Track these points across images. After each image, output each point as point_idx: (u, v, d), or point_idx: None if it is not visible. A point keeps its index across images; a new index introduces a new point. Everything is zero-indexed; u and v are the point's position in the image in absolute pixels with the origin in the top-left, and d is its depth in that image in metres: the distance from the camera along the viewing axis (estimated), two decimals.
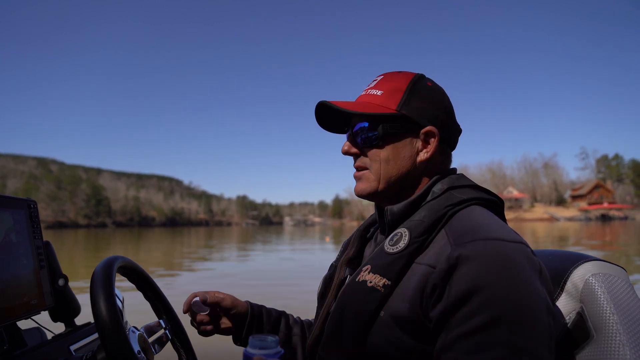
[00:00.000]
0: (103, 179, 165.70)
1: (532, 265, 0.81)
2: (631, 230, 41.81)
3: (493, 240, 0.82)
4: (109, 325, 0.92)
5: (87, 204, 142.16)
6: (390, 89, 1.01)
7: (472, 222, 0.89)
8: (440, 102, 1.03)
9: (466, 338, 0.76)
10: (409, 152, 1.00)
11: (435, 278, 0.82)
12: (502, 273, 0.78)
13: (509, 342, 0.74)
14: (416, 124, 0.99)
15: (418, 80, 1.03)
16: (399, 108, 0.99)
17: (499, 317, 0.75)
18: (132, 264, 1.22)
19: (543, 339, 0.76)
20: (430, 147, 1.00)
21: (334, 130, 1.13)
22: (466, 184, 1.00)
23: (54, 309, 1.29)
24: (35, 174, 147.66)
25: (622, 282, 0.94)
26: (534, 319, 0.76)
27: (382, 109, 0.99)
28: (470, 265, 0.79)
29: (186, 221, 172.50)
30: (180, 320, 1.35)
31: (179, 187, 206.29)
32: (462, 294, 0.78)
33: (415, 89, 1.01)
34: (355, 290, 0.93)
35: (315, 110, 1.07)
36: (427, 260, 0.87)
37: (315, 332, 1.05)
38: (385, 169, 1.00)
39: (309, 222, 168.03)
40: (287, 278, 11.39)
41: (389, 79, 1.04)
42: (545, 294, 0.80)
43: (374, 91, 1.03)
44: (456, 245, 0.83)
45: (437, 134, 0.99)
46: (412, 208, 0.99)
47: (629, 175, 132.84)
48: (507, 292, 0.76)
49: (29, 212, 1.22)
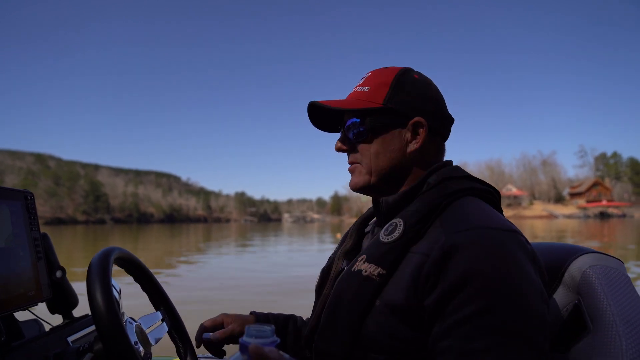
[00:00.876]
0: (101, 175, 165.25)
1: (525, 253, 0.82)
2: (630, 227, 41.98)
3: (486, 229, 0.83)
4: (106, 316, 0.91)
5: (86, 200, 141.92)
6: (377, 84, 1.04)
7: (466, 211, 0.90)
8: (427, 93, 1.04)
9: (461, 325, 0.77)
10: (399, 144, 1.02)
11: (430, 267, 0.82)
12: (495, 260, 0.79)
13: (503, 328, 0.75)
14: (404, 116, 1.01)
15: (404, 74, 1.05)
16: (385, 102, 1.01)
17: (492, 303, 0.76)
18: (129, 255, 1.21)
19: (537, 324, 0.76)
20: (420, 137, 1.01)
21: (329, 130, 1.16)
22: (461, 175, 1.00)
23: (52, 301, 1.29)
24: (33, 170, 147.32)
25: (620, 274, 0.94)
26: (527, 305, 0.77)
27: (369, 104, 1.02)
28: (463, 254, 0.80)
29: (184, 218, 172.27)
30: (177, 311, 1.35)
31: (177, 184, 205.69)
32: (456, 282, 0.78)
33: (401, 82, 1.03)
34: (351, 280, 0.94)
35: (308, 112, 1.09)
36: (422, 249, 0.87)
37: (312, 322, 1.06)
38: (376, 162, 1.02)
39: (308, 219, 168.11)
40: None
41: (376, 75, 1.06)
42: (539, 282, 0.81)
43: (362, 88, 1.06)
44: (449, 233, 0.84)
45: (425, 125, 1.01)
46: (407, 199, 0.99)
47: (626, 173, 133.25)
48: (500, 279, 0.77)
49: (25, 204, 1.21)
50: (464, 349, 0.75)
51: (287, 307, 1.93)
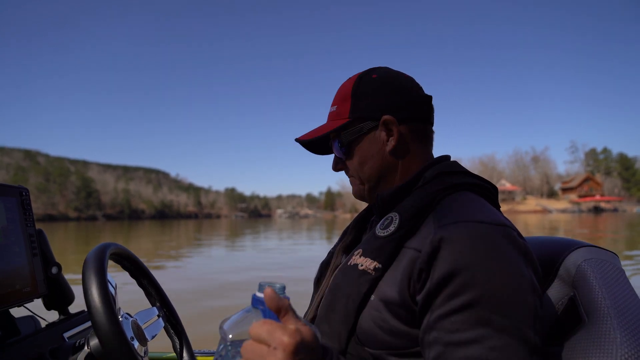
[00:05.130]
0: (91, 171, 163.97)
1: (515, 247, 0.82)
2: (625, 220, 42.32)
3: (475, 223, 0.83)
4: (101, 311, 0.91)
5: (77, 196, 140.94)
6: (341, 100, 1.07)
7: (458, 205, 0.90)
8: (387, 88, 1.04)
9: (448, 318, 0.77)
10: (376, 148, 1.04)
11: (421, 262, 0.82)
12: (483, 254, 0.78)
13: (489, 321, 0.74)
14: (371, 119, 1.03)
15: (361, 79, 1.06)
16: (350, 114, 1.04)
17: (479, 297, 0.76)
18: (125, 251, 1.21)
19: (527, 318, 0.76)
20: (394, 133, 1.02)
21: (329, 152, 1.19)
22: (458, 170, 1.01)
23: (48, 297, 1.29)
24: (23, 166, 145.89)
25: (614, 267, 0.95)
26: (516, 299, 0.76)
27: (338, 122, 1.05)
28: (451, 247, 0.80)
29: (175, 214, 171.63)
30: (173, 307, 1.35)
31: (166, 180, 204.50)
32: (444, 276, 0.78)
33: (359, 89, 1.04)
34: (347, 274, 0.95)
35: (302, 146, 1.15)
36: (415, 244, 0.88)
37: (309, 316, 1.06)
38: (363, 171, 1.06)
39: (302, 215, 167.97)
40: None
41: (339, 91, 1.09)
42: (530, 275, 0.80)
43: (332, 108, 1.09)
44: (439, 228, 0.84)
45: (394, 120, 1.01)
46: (404, 193, 0.99)
47: (616, 168, 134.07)
48: (488, 273, 0.77)
49: (20, 200, 1.21)
50: (449, 340, 0.76)
51: None
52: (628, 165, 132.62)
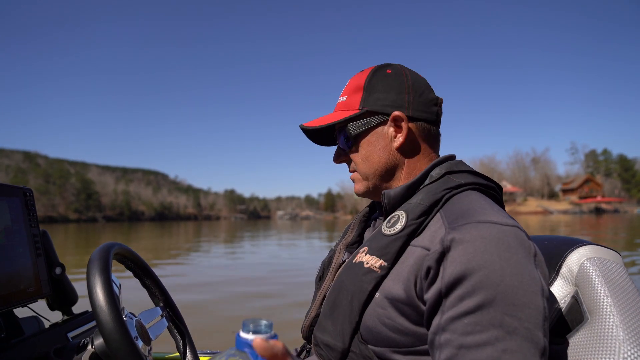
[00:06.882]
0: (91, 173, 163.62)
1: (525, 248, 0.81)
2: (628, 221, 42.29)
3: (486, 223, 0.82)
4: (106, 310, 0.91)
5: (77, 198, 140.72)
6: (353, 90, 1.06)
7: (467, 205, 0.90)
8: (401, 84, 1.04)
9: (460, 319, 0.76)
10: (384, 143, 1.04)
11: (430, 260, 0.82)
12: (495, 255, 0.78)
13: (502, 323, 0.74)
14: (381, 114, 1.03)
15: (375, 72, 1.06)
16: (361, 105, 1.04)
17: (492, 298, 0.75)
18: (129, 251, 1.21)
19: (537, 320, 0.75)
20: (403, 130, 1.02)
21: (331, 144, 1.18)
22: (464, 169, 1.01)
23: (52, 298, 1.29)
24: (23, 167, 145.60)
25: (617, 265, 0.95)
26: (527, 301, 0.76)
27: (347, 112, 1.04)
28: (463, 248, 0.79)
29: (175, 215, 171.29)
30: (177, 307, 1.35)
31: (165, 181, 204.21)
32: (456, 276, 0.78)
33: (373, 82, 1.04)
34: (352, 271, 0.95)
35: (304, 133, 1.14)
36: (423, 242, 0.88)
37: (312, 314, 1.06)
38: (368, 166, 1.05)
39: (302, 216, 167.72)
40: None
41: (351, 82, 1.09)
42: (539, 277, 0.80)
43: (342, 98, 1.09)
44: (450, 228, 0.84)
45: (404, 117, 1.01)
46: (410, 191, 1.00)
47: (616, 169, 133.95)
48: (500, 274, 0.76)
49: (24, 201, 1.21)
50: (462, 342, 0.75)
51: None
52: (628, 167, 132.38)
